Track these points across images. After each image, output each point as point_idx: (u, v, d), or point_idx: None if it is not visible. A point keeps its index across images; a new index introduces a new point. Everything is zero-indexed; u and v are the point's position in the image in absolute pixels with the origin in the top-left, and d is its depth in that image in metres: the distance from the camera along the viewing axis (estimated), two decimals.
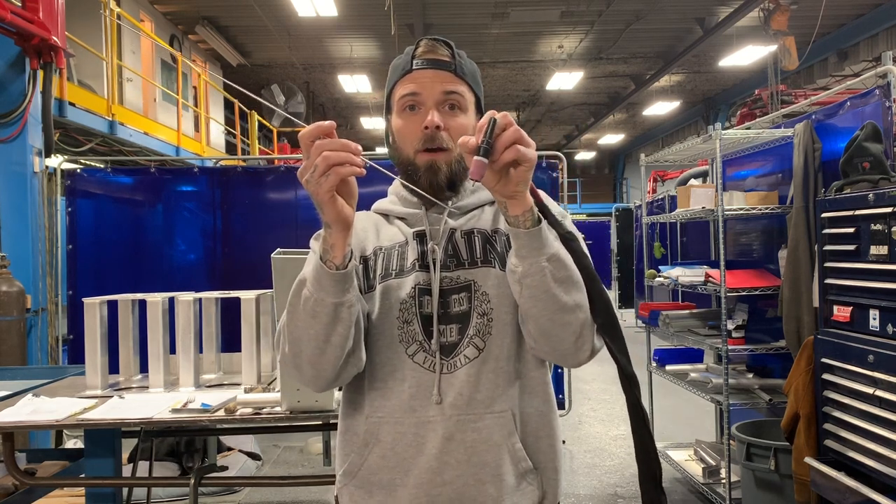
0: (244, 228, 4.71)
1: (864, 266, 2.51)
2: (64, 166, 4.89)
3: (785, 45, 8.46)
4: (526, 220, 1.02)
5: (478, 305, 1.17)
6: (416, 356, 1.16)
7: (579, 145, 20.60)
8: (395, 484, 1.15)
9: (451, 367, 1.15)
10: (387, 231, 1.26)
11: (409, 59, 1.21)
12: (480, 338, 1.16)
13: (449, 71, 1.20)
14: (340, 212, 1.00)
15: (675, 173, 10.77)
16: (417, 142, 1.18)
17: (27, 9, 4.54)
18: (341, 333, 1.07)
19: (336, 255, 1.03)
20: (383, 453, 1.15)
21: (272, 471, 4.57)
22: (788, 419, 2.89)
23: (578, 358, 1.12)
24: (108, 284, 4.12)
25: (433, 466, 1.13)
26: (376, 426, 1.16)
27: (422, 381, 1.15)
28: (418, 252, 1.20)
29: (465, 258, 1.20)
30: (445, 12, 9.75)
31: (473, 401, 1.14)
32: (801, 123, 3.38)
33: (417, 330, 1.16)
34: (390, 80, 1.25)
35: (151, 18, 9.12)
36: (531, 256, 1.03)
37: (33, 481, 2.46)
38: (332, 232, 1.02)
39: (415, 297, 1.17)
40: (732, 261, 4.07)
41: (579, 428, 5.54)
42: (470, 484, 1.13)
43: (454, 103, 1.20)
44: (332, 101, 15.14)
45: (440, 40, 1.22)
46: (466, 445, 1.13)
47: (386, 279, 1.19)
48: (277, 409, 2.25)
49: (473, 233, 1.22)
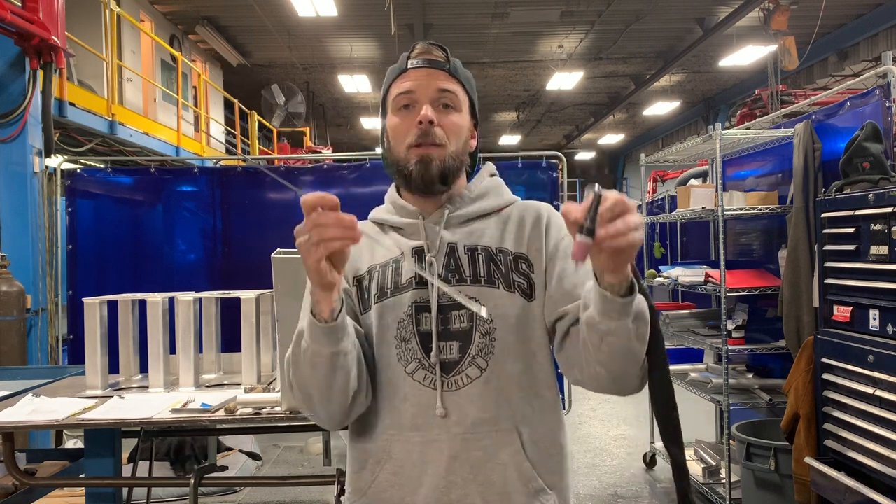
0: (244, 228, 4.71)
1: (864, 266, 2.51)
2: (64, 166, 4.89)
3: (785, 45, 8.46)
4: (622, 287, 0.97)
5: (480, 325, 1.15)
6: (416, 374, 1.15)
7: (579, 145, 20.58)
8: (406, 502, 1.14)
9: (453, 385, 1.14)
10: (382, 245, 1.24)
11: (404, 60, 1.22)
12: (483, 357, 1.14)
13: (443, 70, 1.20)
14: (324, 278, 0.99)
15: (675, 173, 10.77)
16: (411, 137, 1.18)
17: (27, 9, 4.54)
18: (342, 379, 1.08)
19: (323, 309, 1.03)
20: (395, 470, 1.15)
21: (272, 471, 4.57)
22: (788, 419, 2.89)
23: (631, 391, 1.11)
24: (108, 284, 4.12)
25: (440, 485, 1.13)
26: (388, 444, 1.16)
27: (422, 399, 1.14)
28: (416, 267, 1.18)
29: (467, 275, 1.18)
30: (445, 12, 9.74)
31: (478, 419, 1.13)
32: (801, 123, 3.38)
33: (416, 348, 1.15)
34: (386, 82, 1.25)
35: (151, 18, 9.12)
36: (620, 319, 0.99)
37: (33, 481, 2.46)
38: (315, 292, 1.02)
39: (412, 315, 1.16)
40: (732, 261, 4.07)
41: (579, 428, 5.54)
42: (476, 503, 1.13)
43: (448, 101, 1.20)
44: (332, 101, 15.13)
45: (434, 44, 1.23)
46: (472, 464, 1.13)
47: (382, 299, 1.18)
48: (277, 409, 2.25)
49: (477, 250, 1.20)
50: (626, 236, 0.87)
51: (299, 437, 5.03)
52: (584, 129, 18.35)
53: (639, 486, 4.25)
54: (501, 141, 19.35)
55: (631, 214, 0.88)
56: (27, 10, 4.53)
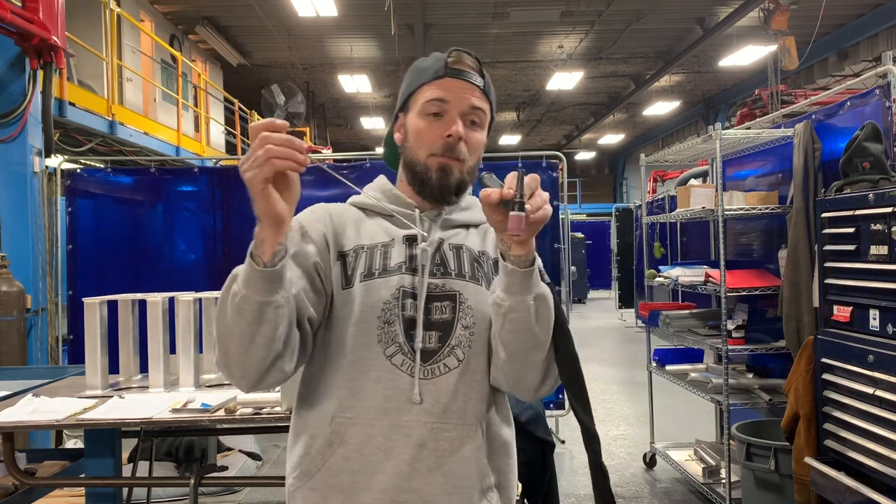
0: (244, 228, 4.66)
1: (864, 266, 2.51)
2: (64, 166, 4.89)
3: (785, 45, 8.46)
4: (526, 260, 1.06)
5: (462, 317, 1.17)
6: (395, 358, 1.14)
7: (579, 145, 20.58)
8: (357, 487, 1.13)
9: (430, 373, 1.15)
10: (367, 228, 1.24)
11: (441, 65, 1.21)
12: (461, 349, 1.16)
13: (478, 86, 1.22)
14: (273, 206, 0.97)
15: (675, 173, 10.77)
16: (436, 147, 1.19)
17: (27, 9, 4.54)
18: (266, 335, 1.03)
19: (265, 251, 0.99)
20: (347, 455, 1.13)
21: (272, 471, 4.57)
22: (788, 419, 2.89)
23: (540, 393, 1.17)
24: (108, 284, 4.12)
25: (403, 472, 1.12)
26: (343, 427, 1.14)
27: (398, 383, 1.14)
28: (406, 255, 1.19)
29: (452, 269, 1.20)
30: (445, 12, 9.74)
31: (448, 410, 1.14)
32: (801, 123, 3.38)
33: (398, 332, 1.15)
34: (416, 80, 1.24)
35: (151, 18, 9.12)
36: (521, 294, 1.06)
37: (33, 481, 2.46)
38: (262, 227, 0.99)
39: (399, 298, 1.16)
40: (732, 261, 4.07)
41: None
42: (436, 493, 1.13)
43: (476, 119, 1.22)
44: (332, 101, 15.14)
45: (471, 54, 1.23)
46: (438, 454, 1.13)
47: (368, 278, 1.17)
48: (277, 409, 2.25)
49: (462, 248, 1.23)
50: (544, 209, 1.01)
51: None
52: (584, 129, 18.35)
53: (638, 486, 4.24)
54: (501, 141, 19.37)
55: (541, 191, 1.02)
56: (27, 10, 4.53)
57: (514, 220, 0.98)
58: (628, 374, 7.65)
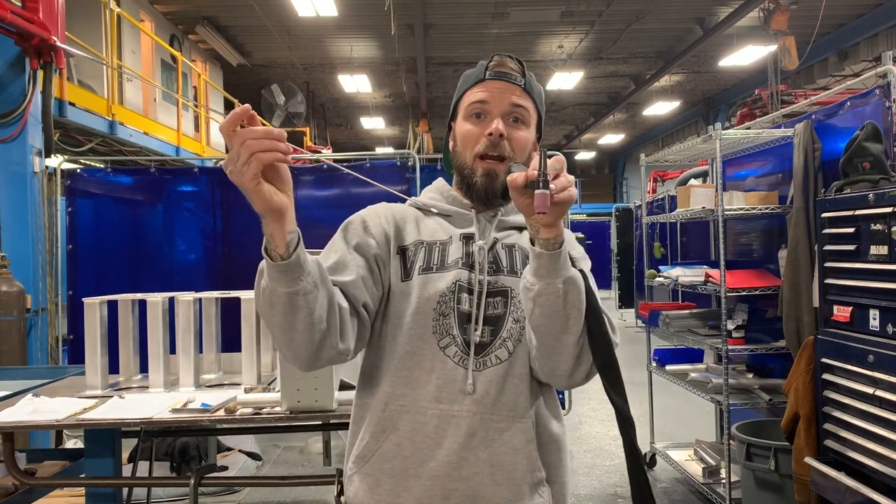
0: (244, 228, 4.70)
1: (864, 266, 2.51)
2: (64, 166, 4.88)
3: (785, 45, 8.46)
4: (555, 243, 1.06)
5: (513, 311, 1.21)
6: (448, 349, 1.18)
7: (579, 145, 20.58)
8: (408, 474, 1.15)
9: (481, 365, 1.18)
10: (427, 225, 1.29)
11: (482, 70, 1.26)
12: (512, 342, 1.19)
13: (518, 85, 1.25)
14: (269, 200, 0.97)
15: (675, 173, 10.76)
16: (480, 147, 1.23)
17: (27, 9, 4.54)
18: (303, 320, 1.04)
19: (278, 244, 1.00)
20: (399, 441, 1.16)
21: (272, 471, 4.57)
22: (788, 419, 2.89)
23: (573, 380, 1.15)
24: (108, 284, 4.12)
25: (452, 461, 1.14)
26: (396, 414, 1.17)
27: (450, 374, 1.17)
28: (463, 251, 1.24)
29: (504, 266, 1.24)
30: (445, 12, 9.74)
31: (499, 402, 1.17)
32: (801, 123, 3.38)
33: (453, 324, 1.19)
34: (461, 88, 1.30)
35: (151, 18, 9.12)
36: (549, 277, 1.07)
37: (33, 481, 2.46)
38: (267, 222, 0.99)
39: (455, 292, 1.20)
40: (732, 261, 4.07)
41: (579, 428, 5.54)
42: (486, 483, 1.15)
43: (519, 116, 1.25)
44: (332, 101, 15.13)
45: (512, 57, 1.27)
46: (488, 444, 1.15)
47: (427, 272, 1.22)
48: (277, 409, 2.25)
49: (514, 247, 1.27)
50: (569, 190, 1.01)
51: (299, 437, 5.03)
52: (584, 129, 18.35)
53: None
54: None
55: (567, 174, 1.02)
56: (27, 10, 4.53)
57: (540, 198, 0.99)
58: (628, 374, 7.54)
